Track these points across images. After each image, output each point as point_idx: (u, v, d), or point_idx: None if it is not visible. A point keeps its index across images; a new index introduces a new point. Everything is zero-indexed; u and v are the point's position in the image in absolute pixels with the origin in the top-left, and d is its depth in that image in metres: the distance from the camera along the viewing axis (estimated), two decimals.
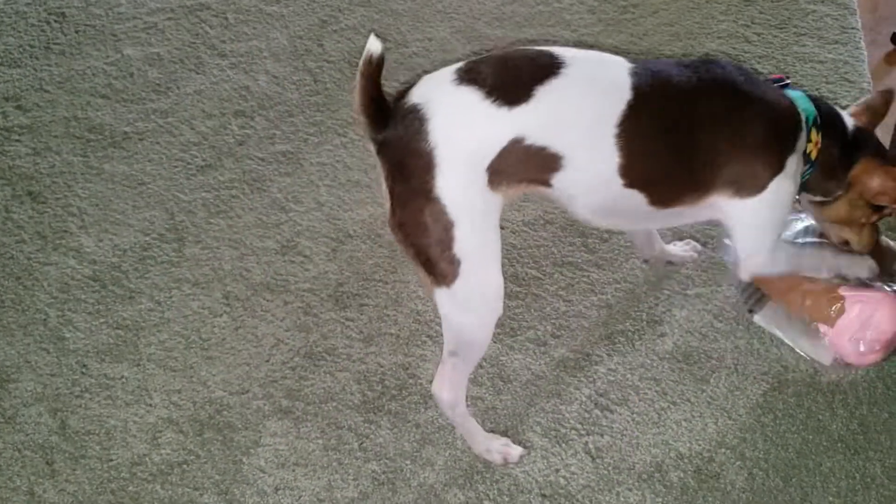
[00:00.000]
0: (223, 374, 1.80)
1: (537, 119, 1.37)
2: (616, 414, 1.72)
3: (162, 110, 2.29)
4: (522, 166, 1.39)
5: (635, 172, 1.44)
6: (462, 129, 1.37)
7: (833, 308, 1.72)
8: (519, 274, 1.94)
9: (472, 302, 1.44)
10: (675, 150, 1.47)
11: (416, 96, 1.39)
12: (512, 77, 1.38)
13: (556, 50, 1.43)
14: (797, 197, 1.64)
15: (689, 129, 1.47)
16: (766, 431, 1.69)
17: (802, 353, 1.78)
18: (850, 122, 1.64)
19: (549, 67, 1.39)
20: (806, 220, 1.82)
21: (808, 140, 1.56)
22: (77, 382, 1.80)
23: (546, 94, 1.37)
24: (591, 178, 1.44)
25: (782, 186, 1.53)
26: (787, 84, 1.60)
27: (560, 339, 1.84)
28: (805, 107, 1.56)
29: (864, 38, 2.37)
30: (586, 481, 1.64)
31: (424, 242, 1.39)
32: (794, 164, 1.54)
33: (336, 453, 1.69)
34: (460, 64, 1.42)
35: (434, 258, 1.40)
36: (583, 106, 1.40)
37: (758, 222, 1.57)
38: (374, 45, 1.33)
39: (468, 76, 1.38)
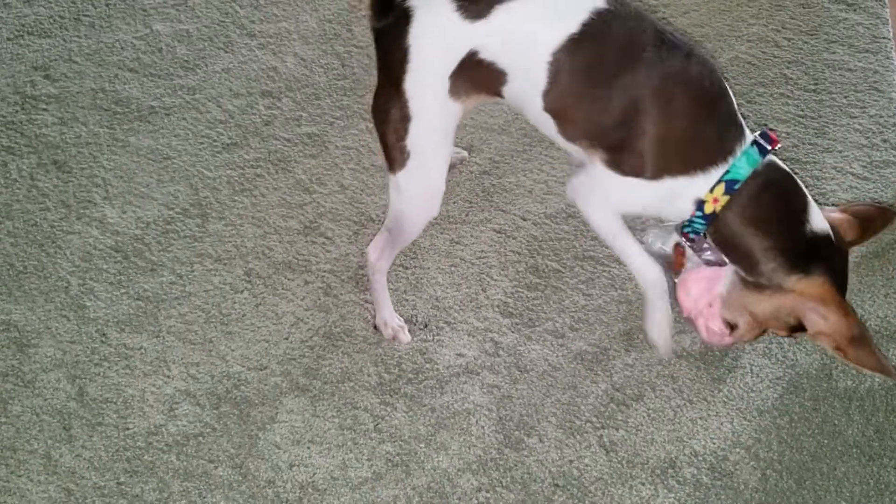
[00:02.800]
0: (242, 349, 1.81)
1: (490, 36, 1.48)
2: (631, 409, 1.73)
3: (189, 87, 2.29)
4: (477, 78, 1.52)
5: (552, 101, 1.53)
6: (433, 34, 1.49)
7: None
8: (539, 266, 1.94)
9: (410, 194, 1.60)
10: (590, 100, 1.52)
11: None
12: None
13: None
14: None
15: (611, 87, 1.49)
16: (782, 433, 1.70)
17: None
18: (820, 224, 1.47)
19: None
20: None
21: (711, 190, 1.48)
22: (96, 351, 1.81)
23: (501, 13, 1.48)
24: (525, 94, 1.54)
25: (640, 189, 1.51)
26: (766, 149, 1.48)
27: (578, 332, 1.84)
28: (738, 165, 1.46)
29: (894, 49, 2.37)
30: (599, 474, 1.65)
31: (385, 128, 1.56)
32: (670, 188, 1.50)
33: (351, 433, 1.70)
34: None
35: (389, 144, 1.56)
36: (528, 30, 1.49)
37: (604, 185, 1.56)
38: None
39: None
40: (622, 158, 1.52)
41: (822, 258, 1.47)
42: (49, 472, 1.65)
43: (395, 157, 1.57)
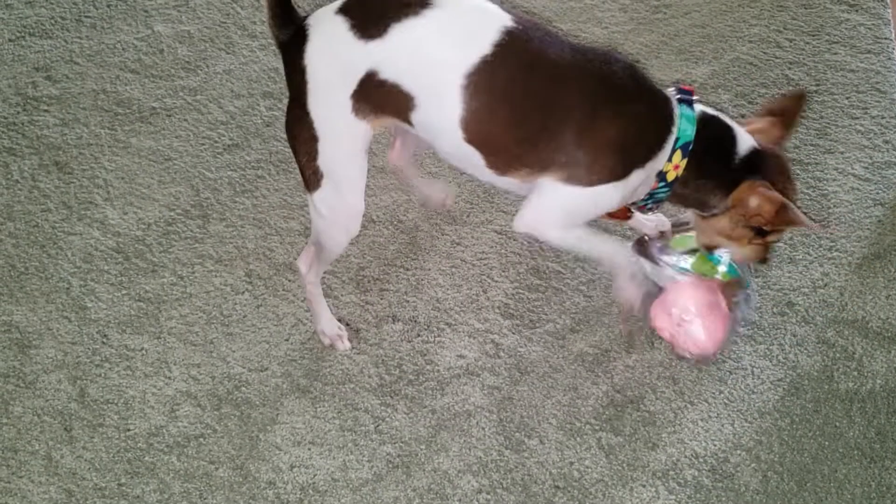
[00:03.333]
0: (243, 350, 1.81)
1: (388, 56, 1.43)
2: (632, 411, 1.72)
3: (190, 88, 2.30)
4: (382, 100, 1.46)
5: (474, 130, 1.46)
6: (327, 55, 1.46)
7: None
8: (540, 267, 1.94)
9: (328, 214, 1.58)
10: (520, 123, 1.47)
11: (311, 17, 1.50)
12: (378, 11, 1.44)
13: None
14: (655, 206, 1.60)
15: (544, 106, 1.46)
16: (783, 435, 1.69)
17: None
18: (746, 145, 1.55)
19: (413, 6, 1.43)
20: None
21: (669, 160, 1.52)
22: (97, 352, 1.81)
23: (399, 33, 1.42)
24: (438, 122, 1.47)
25: (610, 193, 1.51)
26: (691, 100, 1.54)
27: (579, 333, 1.84)
28: (683, 128, 1.51)
29: None
30: (600, 475, 1.64)
31: (296, 149, 1.53)
32: (638, 177, 1.52)
33: (352, 434, 1.70)
34: None
35: (301, 165, 1.53)
36: (433, 50, 1.43)
37: (565, 204, 1.53)
38: None
39: (346, 5, 1.47)
40: (580, 170, 1.49)
41: (752, 170, 1.55)
42: (50, 473, 1.65)
43: (308, 177, 1.54)
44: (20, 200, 2.07)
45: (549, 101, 1.46)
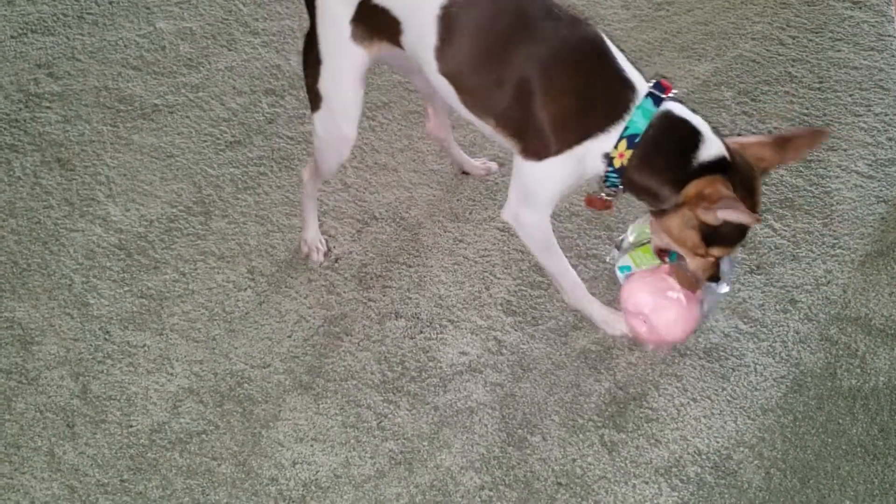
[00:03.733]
0: (245, 347, 1.81)
1: None
2: (635, 408, 1.72)
3: (193, 85, 2.29)
4: (376, 24, 1.58)
5: (444, 62, 1.56)
6: None
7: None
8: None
9: (323, 135, 1.74)
10: (482, 66, 1.55)
11: None
12: None
13: None
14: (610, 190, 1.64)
15: (503, 58, 1.53)
16: (786, 432, 1.69)
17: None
18: (713, 151, 1.54)
19: None
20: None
21: (615, 147, 1.55)
22: (100, 348, 1.81)
23: None
24: (419, 50, 1.57)
25: (559, 166, 1.58)
26: (660, 97, 1.54)
27: (581, 330, 1.84)
28: (635, 120, 1.53)
29: None
30: (602, 472, 1.64)
31: (305, 70, 1.69)
32: (582, 154, 1.57)
33: (354, 431, 1.70)
34: None
35: (308, 86, 1.69)
36: None
37: (529, 182, 1.63)
38: None
39: None
40: (531, 143, 1.57)
41: (712, 173, 1.54)
42: (53, 470, 1.65)
43: (311, 98, 1.70)
44: (22, 197, 2.07)
45: (507, 54, 1.52)
